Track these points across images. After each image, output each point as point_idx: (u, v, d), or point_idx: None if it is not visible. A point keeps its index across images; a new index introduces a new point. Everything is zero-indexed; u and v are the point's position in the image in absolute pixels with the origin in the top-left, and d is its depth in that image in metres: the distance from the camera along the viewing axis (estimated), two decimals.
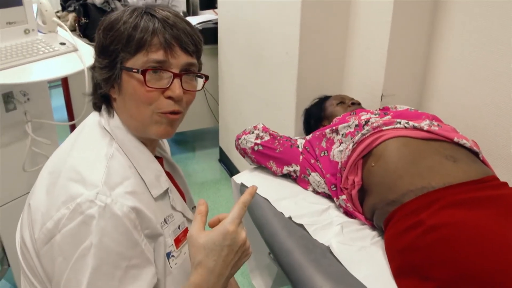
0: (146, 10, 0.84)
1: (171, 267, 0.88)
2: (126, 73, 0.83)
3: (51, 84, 3.57)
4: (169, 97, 0.84)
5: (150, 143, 0.93)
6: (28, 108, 1.67)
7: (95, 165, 0.80)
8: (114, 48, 0.83)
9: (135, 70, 0.82)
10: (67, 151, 0.85)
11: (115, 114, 0.89)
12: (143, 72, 0.81)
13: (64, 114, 2.76)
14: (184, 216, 0.96)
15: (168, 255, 0.88)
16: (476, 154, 1.27)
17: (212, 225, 0.81)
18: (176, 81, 0.84)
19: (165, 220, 0.89)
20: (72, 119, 2.70)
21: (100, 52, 0.86)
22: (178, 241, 0.91)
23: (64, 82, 2.63)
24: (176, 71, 0.84)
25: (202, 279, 0.76)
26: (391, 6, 1.58)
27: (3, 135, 1.65)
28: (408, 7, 1.60)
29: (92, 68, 0.90)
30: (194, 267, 0.76)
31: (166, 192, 0.92)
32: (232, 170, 2.94)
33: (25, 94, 1.67)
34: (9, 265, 1.83)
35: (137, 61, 0.82)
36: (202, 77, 0.91)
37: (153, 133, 0.87)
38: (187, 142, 3.59)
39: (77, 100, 2.68)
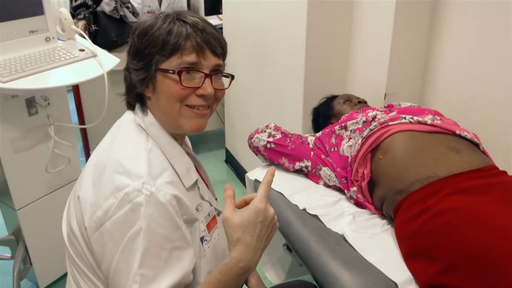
0: (178, 17, 0.93)
1: (205, 250, 0.97)
2: (161, 73, 0.92)
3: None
4: (201, 95, 0.93)
5: (180, 139, 1.01)
6: (49, 112, 1.75)
7: (137, 159, 0.88)
8: (149, 52, 0.92)
9: (171, 71, 0.90)
10: (109, 147, 0.93)
11: (148, 112, 0.97)
12: (179, 73, 0.90)
13: (75, 118, 2.84)
14: (211, 205, 1.04)
15: (202, 239, 0.96)
16: (476, 145, 1.36)
17: (239, 206, 0.90)
18: (207, 81, 0.93)
19: (196, 208, 0.98)
20: (83, 123, 2.78)
21: (135, 55, 0.94)
22: (209, 227, 1.00)
23: (75, 88, 2.70)
24: (207, 71, 0.93)
25: (242, 254, 0.84)
26: (392, 8, 1.67)
27: (26, 139, 1.73)
28: (409, 10, 1.69)
29: (126, 70, 0.98)
30: (234, 245, 0.85)
31: (195, 183, 1.00)
32: (238, 170, 3.02)
33: (46, 99, 1.75)
34: (31, 264, 1.90)
35: (172, 63, 0.91)
36: (228, 77, 1.00)
37: (185, 128, 0.95)
38: (193, 144, 3.64)
39: (88, 105, 2.75)
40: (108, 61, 1.73)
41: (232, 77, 1.00)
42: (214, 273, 0.86)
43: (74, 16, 2.66)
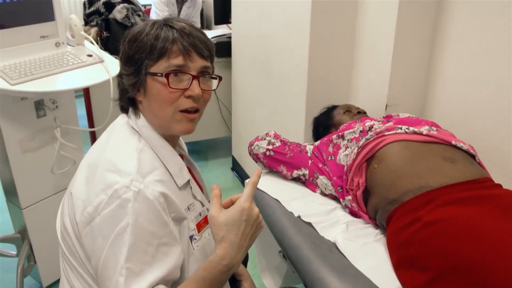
0: (165, 23, 0.98)
1: (194, 249, 1.00)
2: (151, 77, 0.96)
3: (75, 94, 3.73)
4: (189, 96, 0.97)
5: (171, 140, 1.05)
6: (56, 115, 1.81)
7: (128, 158, 0.92)
8: (139, 57, 0.96)
9: (159, 74, 0.95)
10: (103, 148, 0.98)
11: (141, 115, 1.01)
12: (167, 75, 0.94)
13: (85, 122, 2.90)
14: (203, 205, 1.08)
15: (191, 238, 1.00)
16: (473, 156, 1.37)
17: (225, 206, 0.93)
18: (195, 82, 0.97)
19: (188, 207, 1.01)
20: (93, 126, 2.84)
21: (126, 61, 0.99)
22: (199, 226, 1.03)
23: (86, 92, 2.77)
24: (194, 73, 0.97)
25: (226, 251, 0.87)
26: (394, 21, 1.70)
27: (34, 140, 1.78)
28: (410, 22, 1.72)
29: (119, 76, 1.03)
30: (218, 242, 0.88)
31: (188, 183, 1.04)
32: (244, 178, 3.04)
33: (54, 102, 1.81)
34: (35, 262, 1.95)
35: (160, 66, 0.95)
36: (216, 78, 1.04)
37: (176, 130, 1.00)
38: (201, 151, 3.71)
39: (98, 109, 2.82)
40: (114, 66, 1.78)
41: (220, 78, 1.04)
42: (199, 269, 0.89)
43: (87, 22, 2.74)
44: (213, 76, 1.03)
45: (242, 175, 3.11)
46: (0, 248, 2.07)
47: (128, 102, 1.03)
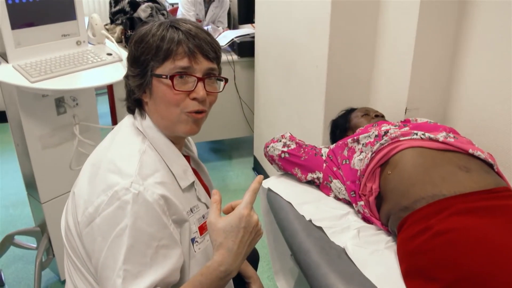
0: (171, 24, 0.97)
1: (195, 251, 0.99)
2: (156, 79, 0.96)
3: (98, 91, 3.81)
4: (194, 98, 0.96)
5: (177, 142, 1.05)
6: (76, 112, 1.84)
7: (130, 159, 0.93)
8: (145, 58, 0.96)
9: (164, 76, 0.94)
10: (107, 147, 0.98)
11: (146, 116, 1.01)
12: (171, 77, 0.94)
13: (109, 119, 2.96)
14: (207, 207, 1.07)
15: (193, 240, 0.99)
16: (491, 166, 1.32)
17: (226, 212, 0.92)
18: (200, 84, 0.96)
19: (191, 209, 1.01)
20: (115, 123, 2.89)
21: (133, 62, 0.99)
22: (202, 229, 1.03)
23: (110, 89, 2.82)
24: (199, 75, 0.96)
25: (223, 257, 0.87)
26: (415, 22, 1.65)
27: (53, 136, 1.82)
28: (432, 24, 1.67)
29: (125, 77, 1.03)
30: (216, 248, 0.88)
31: (192, 185, 1.04)
32: (264, 178, 3.03)
33: (74, 99, 1.84)
34: (53, 255, 2.00)
35: (165, 68, 0.95)
36: (222, 80, 1.03)
37: (181, 131, 0.99)
38: (223, 150, 3.72)
39: (121, 107, 2.86)
40: None
41: (226, 80, 1.03)
42: (196, 274, 0.88)
43: (112, 21, 2.78)
44: (219, 78, 1.02)
45: (263, 175, 3.10)
46: (22, 241, 2.13)
47: (134, 103, 1.03)
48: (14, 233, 2.08)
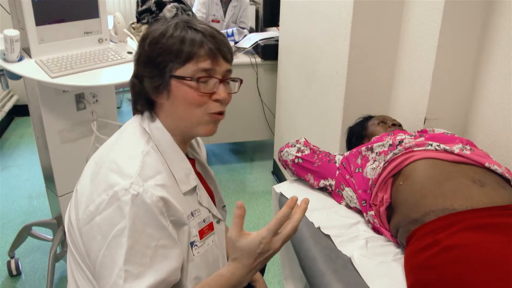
0: (188, 25, 0.96)
1: (194, 255, 0.99)
2: (176, 80, 0.95)
3: (124, 89, 3.85)
4: (216, 100, 0.97)
5: (183, 145, 1.04)
6: (95, 109, 1.87)
7: (132, 160, 0.93)
8: (163, 59, 0.94)
9: (189, 78, 0.94)
10: (111, 146, 0.99)
11: (156, 117, 1.01)
12: (198, 80, 0.94)
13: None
14: (210, 212, 1.06)
15: (192, 244, 0.99)
16: (508, 181, 1.27)
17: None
18: (222, 86, 0.97)
19: (192, 213, 1.00)
20: None
21: (147, 63, 0.97)
22: (202, 233, 1.02)
23: None
24: (220, 77, 0.97)
25: (237, 270, 0.90)
26: (438, 30, 1.61)
27: (72, 131, 1.86)
28: (455, 32, 1.62)
29: (135, 77, 1.02)
30: (232, 260, 0.90)
31: (194, 189, 1.03)
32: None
33: (94, 96, 1.87)
34: None
35: (187, 70, 0.94)
36: (237, 81, 1.03)
37: (201, 132, 1.00)
38: (244, 152, 3.72)
39: None
40: None
41: (241, 81, 1.03)
42: (208, 280, 0.92)
43: (139, 20, 2.82)
44: (235, 79, 1.03)
45: (281, 180, 3.09)
46: (39, 232, 2.18)
47: (146, 104, 1.02)
48: (32, 224, 2.13)
